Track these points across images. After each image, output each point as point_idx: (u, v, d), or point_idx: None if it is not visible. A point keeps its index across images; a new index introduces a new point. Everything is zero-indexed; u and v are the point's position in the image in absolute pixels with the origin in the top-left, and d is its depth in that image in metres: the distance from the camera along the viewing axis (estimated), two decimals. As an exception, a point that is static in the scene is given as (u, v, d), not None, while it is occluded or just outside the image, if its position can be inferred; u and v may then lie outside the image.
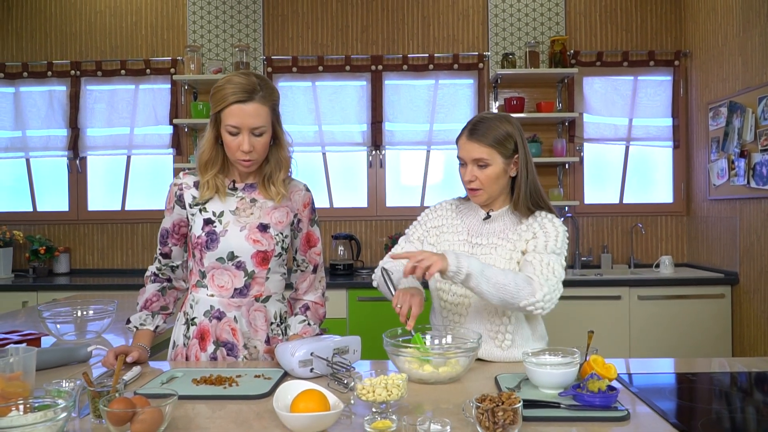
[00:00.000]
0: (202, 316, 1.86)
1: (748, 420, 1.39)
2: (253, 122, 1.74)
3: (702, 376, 1.66)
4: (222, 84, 1.76)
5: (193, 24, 4.57)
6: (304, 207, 1.96)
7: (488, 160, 1.80)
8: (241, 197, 1.88)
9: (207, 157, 1.83)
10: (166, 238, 1.92)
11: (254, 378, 1.61)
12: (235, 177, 1.91)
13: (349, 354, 1.71)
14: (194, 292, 1.90)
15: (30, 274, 4.47)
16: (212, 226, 1.84)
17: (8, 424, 1.14)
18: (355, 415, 1.35)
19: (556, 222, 1.85)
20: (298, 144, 4.56)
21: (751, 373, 1.74)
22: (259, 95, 1.74)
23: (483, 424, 1.19)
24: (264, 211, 1.88)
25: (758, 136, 3.60)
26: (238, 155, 1.78)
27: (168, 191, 1.93)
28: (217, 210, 1.86)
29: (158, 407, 1.22)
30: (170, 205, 1.91)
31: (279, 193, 1.87)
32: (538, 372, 1.46)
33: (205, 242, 1.83)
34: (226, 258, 1.83)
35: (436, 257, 1.61)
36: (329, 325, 3.90)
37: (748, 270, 3.78)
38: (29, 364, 1.37)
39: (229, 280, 1.85)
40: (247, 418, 1.34)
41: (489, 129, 1.80)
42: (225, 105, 1.73)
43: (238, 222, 1.85)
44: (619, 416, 1.31)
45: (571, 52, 4.50)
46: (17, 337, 2.00)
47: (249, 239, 1.83)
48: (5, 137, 4.61)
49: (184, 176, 1.91)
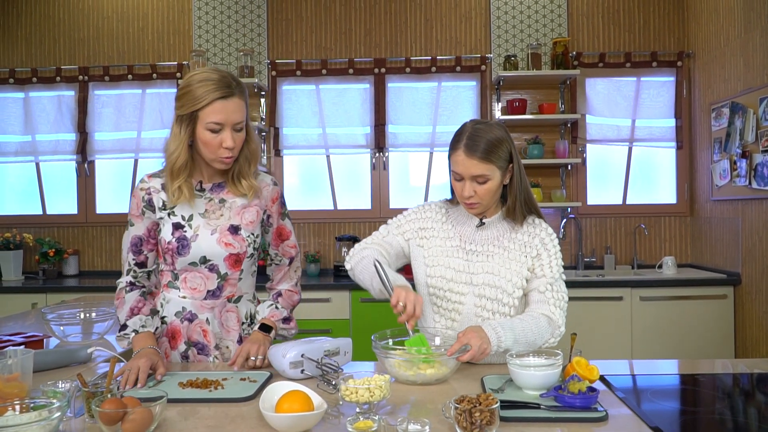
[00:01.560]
0: (173, 316, 1.87)
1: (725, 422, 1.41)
2: (235, 117, 1.72)
3: (703, 378, 1.68)
4: (196, 82, 1.71)
5: (198, 29, 4.63)
6: (273, 202, 1.94)
7: (488, 175, 1.78)
8: (209, 198, 1.86)
9: (182, 161, 1.77)
10: (140, 246, 1.87)
11: (240, 381, 1.63)
12: (201, 177, 1.87)
13: (340, 356, 1.75)
14: (165, 292, 1.90)
15: (40, 276, 4.55)
16: (182, 231, 1.82)
17: (4, 423, 1.19)
18: (343, 416, 1.39)
19: (552, 235, 1.91)
20: (303, 147, 4.62)
21: (753, 375, 1.75)
22: (237, 90, 1.73)
23: (461, 424, 1.22)
24: (234, 211, 1.86)
25: (759, 136, 3.60)
26: (221, 153, 1.74)
27: (133, 197, 1.87)
28: (185, 214, 1.83)
29: (148, 407, 1.26)
30: (139, 212, 1.85)
31: (251, 187, 1.85)
32: (521, 373, 1.49)
33: (176, 248, 1.81)
34: (198, 262, 1.82)
35: (486, 344, 1.65)
36: (333, 326, 3.95)
37: (751, 271, 3.78)
38: (27, 366, 1.42)
39: (202, 282, 1.85)
40: (233, 419, 1.38)
41: (485, 143, 1.76)
42: (206, 102, 1.69)
43: (209, 225, 1.83)
44: (598, 417, 1.34)
45: (574, 54, 4.52)
46: (21, 339, 2.06)
47: (221, 243, 1.82)
48: (15, 141, 4.70)
49: (150, 179, 1.86)
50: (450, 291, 1.87)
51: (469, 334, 1.65)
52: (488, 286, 1.84)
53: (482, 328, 1.68)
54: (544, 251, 1.87)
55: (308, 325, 3.88)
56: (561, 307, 1.84)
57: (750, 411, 1.48)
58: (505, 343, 1.69)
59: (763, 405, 1.52)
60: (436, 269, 1.89)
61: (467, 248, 1.90)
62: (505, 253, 1.87)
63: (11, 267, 4.46)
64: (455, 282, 1.87)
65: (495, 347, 1.67)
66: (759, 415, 1.44)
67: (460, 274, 1.87)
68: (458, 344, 1.62)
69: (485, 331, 1.67)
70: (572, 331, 1.73)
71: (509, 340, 1.70)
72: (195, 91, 1.70)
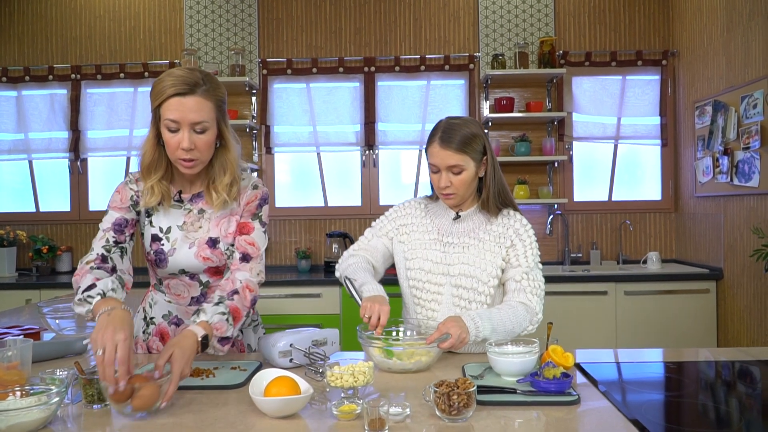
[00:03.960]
0: (161, 318, 1.90)
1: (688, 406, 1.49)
2: (193, 117, 1.61)
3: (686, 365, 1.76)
4: (162, 77, 1.63)
5: (189, 28, 4.68)
6: (248, 203, 1.82)
7: (463, 165, 1.87)
8: (188, 210, 1.80)
9: (149, 159, 1.70)
10: (123, 227, 1.76)
11: (230, 370, 1.69)
12: (181, 187, 1.81)
13: (328, 345, 1.82)
14: (153, 292, 1.92)
15: (33, 272, 4.59)
16: (159, 244, 1.78)
17: (6, 407, 1.25)
18: (330, 402, 1.45)
19: (527, 225, 1.98)
20: (293, 144, 4.67)
21: (734, 363, 1.83)
22: (201, 89, 1.62)
23: (440, 406, 1.29)
24: (213, 222, 1.79)
25: (741, 134, 3.68)
26: (179, 153, 1.64)
27: (117, 192, 1.80)
28: (164, 226, 1.79)
29: (156, 383, 1.33)
30: (125, 204, 1.77)
31: (220, 198, 1.75)
32: (499, 360, 1.57)
33: (154, 260, 1.79)
34: (178, 273, 1.81)
35: (464, 333, 1.71)
36: (324, 321, 4.02)
37: (732, 265, 3.86)
38: (26, 355, 1.48)
39: (185, 290, 1.85)
40: (225, 404, 1.44)
41: (459, 135, 1.86)
42: (164, 98, 1.60)
43: (187, 238, 1.78)
44: (570, 401, 1.41)
45: (560, 53, 4.59)
46: (18, 331, 2.12)
47: (198, 257, 1.77)
48: (8, 140, 4.73)
49: (137, 183, 1.80)
50: (428, 282, 1.95)
51: (449, 323, 1.72)
52: (464, 276, 1.92)
53: (461, 318, 1.75)
54: (519, 241, 1.94)
55: (299, 320, 3.94)
56: (538, 294, 1.91)
57: (693, 397, 1.56)
58: (483, 333, 1.76)
59: (743, 394, 1.59)
60: (415, 261, 1.97)
61: (444, 240, 1.98)
62: (480, 244, 1.95)
63: (5, 264, 4.50)
64: (433, 273, 1.95)
65: (473, 336, 1.74)
66: (740, 405, 1.50)
67: (438, 266, 1.95)
68: (437, 333, 1.69)
69: (464, 320, 1.74)
70: (549, 321, 1.80)
71: (487, 330, 1.77)
72: (157, 85, 1.63)
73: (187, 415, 1.37)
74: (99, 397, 1.42)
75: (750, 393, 1.58)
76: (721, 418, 1.40)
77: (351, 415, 1.31)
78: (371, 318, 1.72)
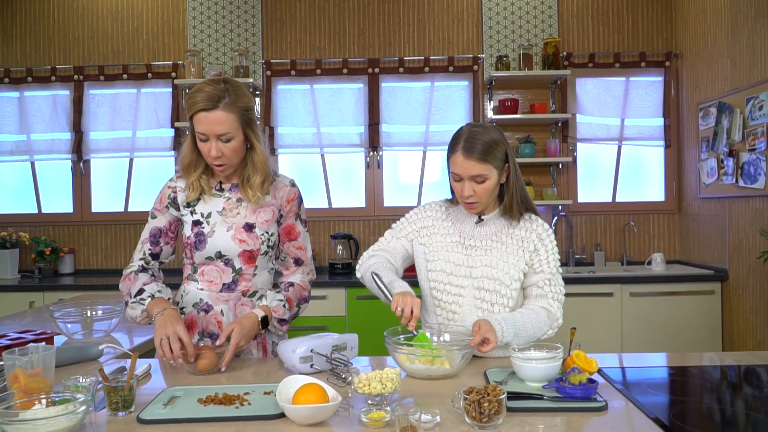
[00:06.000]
0: (191, 307, 1.99)
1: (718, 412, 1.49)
2: (218, 129, 1.81)
3: (684, 370, 1.76)
4: (192, 92, 1.84)
5: (193, 29, 4.66)
6: (288, 202, 2.02)
7: (486, 175, 1.87)
8: (227, 197, 1.98)
9: (188, 160, 1.93)
10: (158, 237, 2.00)
11: (264, 395, 1.52)
12: (221, 178, 2.00)
13: (347, 351, 1.81)
14: (185, 284, 2.03)
15: (36, 274, 4.56)
16: (200, 228, 1.95)
17: (33, 416, 1.24)
18: (352, 408, 1.45)
19: (548, 230, 1.99)
20: (297, 146, 4.66)
21: (740, 367, 1.83)
22: (223, 103, 1.80)
23: (470, 414, 1.29)
24: (250, 210, 1.97)
25: (746, 136, 3.69)
26: (209, 160, 1.87)
27: (160, 191, 2.02)
28: (205, 211, 1.96)
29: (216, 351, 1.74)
30: (163, 205, 2.00)
31: (255, 196, 1.94)
32: (523, 366, 1.56)
33: (194, 243, 1.94)
34: (214, 256, 1.94)
35: (493, 335, 1.73)
36: (329, 323, 4.01)
37: (737, 267, 3.88)
38: (49, 362, 1.46)
39: (218, 276, 1.96)
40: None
41: (482, 144, 1.84)
42: (193, 113, 1.82)
43: (225, 222, 1.95)
44: (598, 407, 1.41)
45: (564, 54, 4.59)
46: (31, 336, 2.10)
47: (235, 239, 1.93)
48: (10, 141, 4.71)
49: (177, 179, 2.01)
50: (450, 284, 1.95)
51: (485, 326, 1.73)
52: (487, 279, 1.92)
53: (489, 322, 1.75)
54: (542, 246, 1.96)
55: (304, 322, 3.94)
56: (559, 300, 1.94)
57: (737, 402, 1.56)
58: (506, 338, 1.77)
59: (749, 396, 1.60)
60: (437, 263, 1.97)
61: (466, 243, 1.98)
62: (503, 247, 1.95)
63: (7, 266, 4.47)
64: (455, 275, 1.95)
65: (498, 341, 1.74)
66: (746, 406, 1.51)
67: (460, 268, 1.95)
68: (479, 336, 1.70)
69: (492, 326, 1.75)
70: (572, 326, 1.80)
71: (510, 335, 1.78)
72: (189, 99, 1.84)
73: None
74: (124, 405, 1.41)
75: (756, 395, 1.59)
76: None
77: (381, 423, 1.30)
78: (404, 310, 1.72)
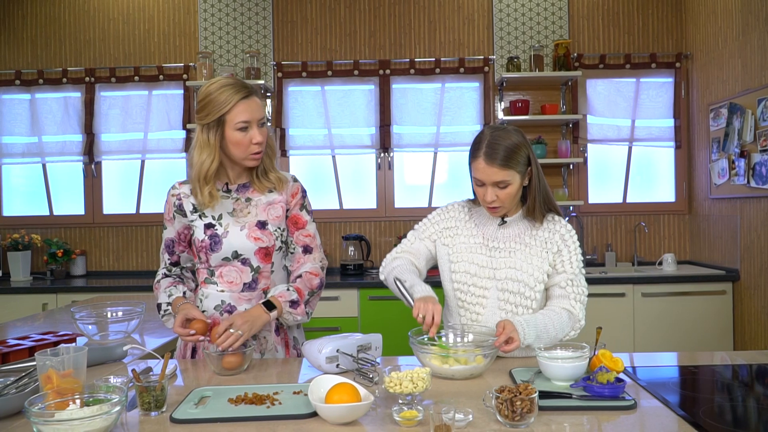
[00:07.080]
0: (213, 309, 1.96)
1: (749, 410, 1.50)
2: (259, 114, 1.88)
3: (704, 369, 1.76)
4: (215, 90, 1.84)
5: (204, 31, 4.68)
6: (293, 197, 2.03)
7: (509, 180, 1.87)
8: (236, 198, 1.98)
9: (216, 166, 1.89)
10: (172, 247, 2.03)
11: (293, 395, 1.53)
12: (227, 179, 1.99)
13: (372, 350, 1.82)
14: (203, 288, 1.99)
15: (48, 276, 4.59)
16: (214, 230, 1.94)
17: (69, 417, 1.25)
18: (380, 407, 1.45)
19: (572, 231, 2.00)
20: (309, 147, 4.68)
21: (752, 366, 1.84)
22: (253, 90, 1.89)
23: (502, 412, 1.30)
24: (260, 208, 1.97)
25: (758, 136, 3.70)
26: (251, 149, 1.88)
27: (166, 202, 2.01)
28: (216, 214, 1.96)
29: (240, 352, 1.77)
30: (170, 215, 2.00)
31: (279, 179, 1.98)
32: (550, 365, 1.57)
33: (209, 245, 1.93)
34: (231, 257, 1.93)
35: (516, 334, 1.74)
36: (342, 324, 4.02)
37: (749, 267, 3.88)
38: (80, 362, 1.47)
39: (238, 276, 1.95)
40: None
41: (504, 150, 1.84)
42: (231, 105, 1.83)
43: (237, 222, 1.94)
44: (627, 405, 1.41)
45: (575, 55, 4.60)
46: (53, 338, 2.11)
47: (250, 237, 1.93)
48: (22, 143, 4.73)
49: (180, 186, 2.00)
50: (474, 286, 1.96)
51: (509, 327, 1.74)
52: (511, 281, 1.92)
53: (512, 322, 1.76)
54: (565, 247, 1.96)
55: (317, 323, 3.95)
56: (581, 301, 1.94)
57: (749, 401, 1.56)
58: (527, 340, 1.78)
59: (762, 395, 1.60)
60: (461, 265, 1.98)
61: (490, 245, 1.98)
62: (526, 249, 1.95)
63: (19, 267, 4.50)
64: (479, 277, 1.95)
65: (521, 342, 1.75)
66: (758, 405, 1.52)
67: (484, 270, 1.95)
68: (504, 336, 1.71)
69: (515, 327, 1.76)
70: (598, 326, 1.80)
71: (531, 337, 1.79)
72: (217, 98, 1.84)
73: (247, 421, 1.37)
74: (156, 404, 1.43)
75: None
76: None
77: (413, 422, 1.31)
78: (425, 317, 1.73)
